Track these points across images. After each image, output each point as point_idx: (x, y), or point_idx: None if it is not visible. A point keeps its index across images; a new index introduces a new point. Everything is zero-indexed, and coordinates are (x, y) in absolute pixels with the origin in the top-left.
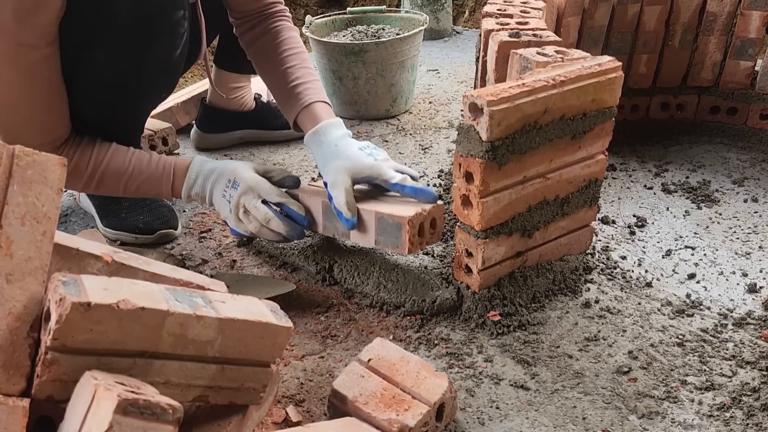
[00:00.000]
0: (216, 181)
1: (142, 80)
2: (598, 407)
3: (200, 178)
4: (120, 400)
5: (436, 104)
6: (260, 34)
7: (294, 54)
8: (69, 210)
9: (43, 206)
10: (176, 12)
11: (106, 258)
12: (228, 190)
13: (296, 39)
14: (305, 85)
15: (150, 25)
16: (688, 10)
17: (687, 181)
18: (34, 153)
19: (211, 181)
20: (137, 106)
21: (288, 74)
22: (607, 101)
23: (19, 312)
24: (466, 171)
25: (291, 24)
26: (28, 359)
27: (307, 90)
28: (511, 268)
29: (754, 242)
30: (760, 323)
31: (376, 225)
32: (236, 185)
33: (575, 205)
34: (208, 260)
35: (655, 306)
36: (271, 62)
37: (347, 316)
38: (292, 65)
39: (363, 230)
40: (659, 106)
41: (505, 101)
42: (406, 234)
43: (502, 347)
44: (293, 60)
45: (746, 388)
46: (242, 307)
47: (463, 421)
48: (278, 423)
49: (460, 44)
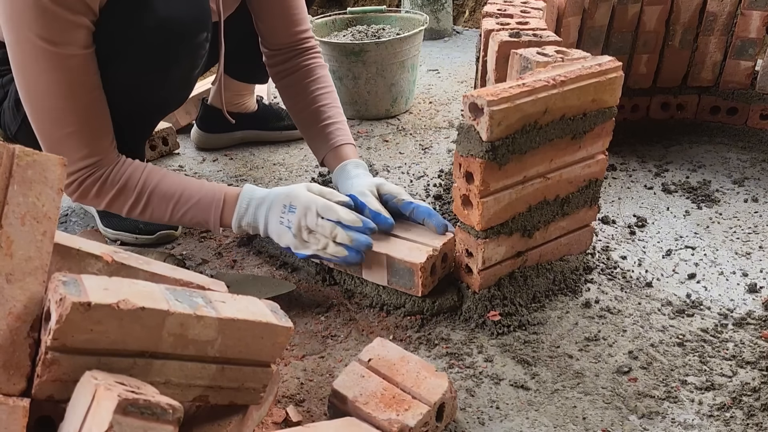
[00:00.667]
0: (270, 209)
1: (160, 96)
2: (598, 407)
3: (251, 207)
4: (120, 400)
5: (436, 104)
6: (292, 69)
7: (326, 93)
8: (69, 210)
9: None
10: (200, 35)
11: (107, 258)
12: (285, 216)
13: (327, 78)
14: (336, 126)
15: (175, 46)
16: (689, 10)
17: (687, 181)
18: (34, 153)
19: (264, 209)
20: (152, 119)
21: (320, 113)
22: (608, 101)
23: (20, 312)
24: (467, 171)
25: (322, 61)
26: (28, 359)
27: (338, 130)
28: (511, 268)
29: (754, 242)
30: (760, 323)
31: (388, 267)
32: (293, 209)
33: (575, 205)
34: (208, 260)
35: (656, 306)
36: (303, 99)
37: (347, 316)
38: (324, 104)
39: (376, 270)
40: (659, 106)
41: (506, 101)
42: (419, 279)
43: (503, 347)
44: (325, 99)
45: (746, 388)
46: (242, 307)
47: (464, 421)
48: (278, 423)
49: (460, 44)
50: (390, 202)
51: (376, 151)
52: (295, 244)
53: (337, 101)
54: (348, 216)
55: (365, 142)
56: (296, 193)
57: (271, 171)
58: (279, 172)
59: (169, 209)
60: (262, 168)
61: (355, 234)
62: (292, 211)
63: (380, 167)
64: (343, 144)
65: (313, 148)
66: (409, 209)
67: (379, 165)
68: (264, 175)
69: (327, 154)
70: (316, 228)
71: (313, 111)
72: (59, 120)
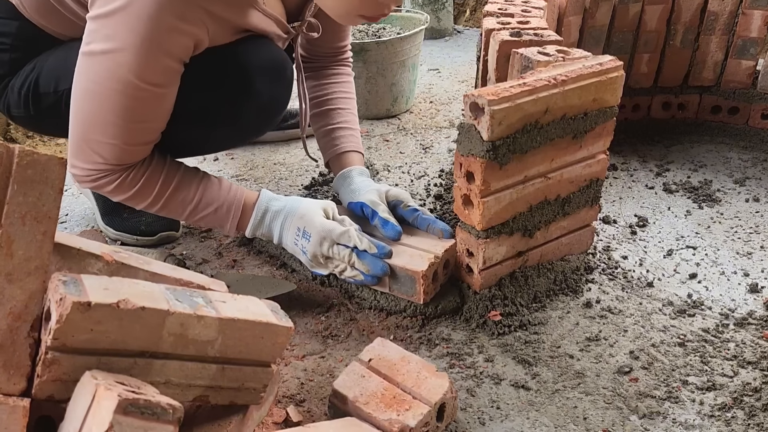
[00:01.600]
0: (284, 227)
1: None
2: (599, 407)
3: (267, 218)
4: (120, 400)
5: (437, 104)
6: (322, 67)
7: (346, 98)
8: (69, 210)
9: (44, 206)
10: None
11: (107, 257)
12: (299, 240)
13: (351, 85)
14: (347, 131)
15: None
16: (690, 10)
17: (688, 180)
18: (35, 152)
19: (279, 224)
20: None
21: (335, 115)
22: (609, 101)
23: (20, 311)
24: (467, 170)
25: (351, 71)
26: (28, 359)
27: (349, 136)
28: (512, 268)
29: (755, 242)
30: (761, 323)
31: (390, 275)
32: (307, 235)
33: (576, 204)
34: (209, 260)
35: (657, 306)
36: (321, 97)
37: (348, 316)
38: (340, 108)
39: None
40: (661, 106)
41: (506, 101)
42: (421, 286)
43: (503, 347)
44: (343, 103)
45: (747, 389)
46: (243, 306)
47: (464, 421)
48: (279, 423)
49: (461, 43)
50: (397, 208)
51: (376, 150)
52: (311, 265)
53: (355, 108)
54: (364, 243)
55: (366, 142)
56: (311, 219)
57: (272, 171)
58: (279, 171)
59: (185, 214)
60: (263, 168)
61: (371, 261)
62: (306, 238)
63: (381, 167)
64: (351, 151)
65: (321, 147)
66: (412, 216)
67: (379, 165)
68: (264, 174)
69: (333, 158)
70: (333, 255)
71: (327, 111)
72: (105, 130)
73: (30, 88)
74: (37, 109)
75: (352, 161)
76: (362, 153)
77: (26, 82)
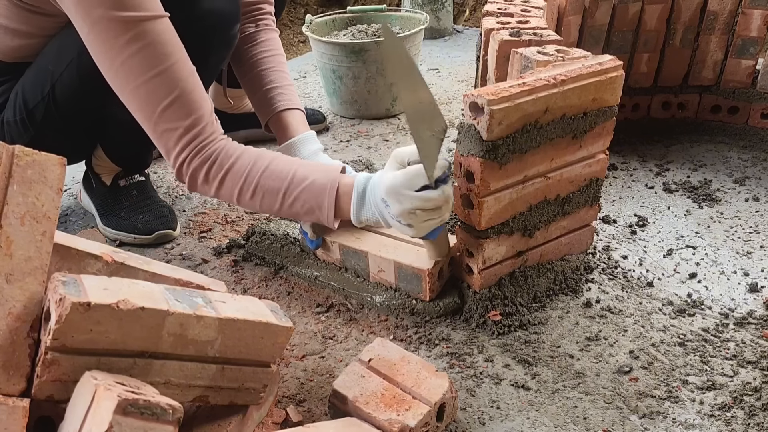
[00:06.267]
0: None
1: None
2: (599, 407)
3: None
4: (120, 400)
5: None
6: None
7: (270, 56)
8: (69, 210)
9: (43, 206)
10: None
11: (106, 258)
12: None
13: (275, 41)
14: (278, 90)
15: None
16: (689, 9)
17: (688, 180)
18: (34, 153)
19: (372, 206)
20: None
21: (262, 77)
22: (608, 100)
23: (19, 312)
24: (467, 170)
25: (271, 25)
26: (28, 359)
27: (280, 95)
28: (512, 268)
29: (755, 242)
30: (761, 323)
31: (396, 273)
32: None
33: (576, 204)
34: (209, 260)
35: (656, 306)
36: (247, 63)
37: (347, 316)
38: (266, 68)
39: (384, 275)
40: (660, 105)
41: (506, 100)
42: (427, 284)
43: (503, 347)
44: (269, 63)
45: (747, 388)
46: (242, 306)
47: (464, 421)
48: (279, 423)
49: (460, 43)
50: None
51: (376, 150)
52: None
53: (283, 65)
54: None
55: (365, 142)
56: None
57: None
58: None
59: (280, 194)
60: None
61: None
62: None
63: (380, 166)
64: (286, 109)
65: (258, 113)
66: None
67: (379, 164)
68: None
69: (269, 120)
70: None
71: (255, 75)
72: (154, 94)
73: (21, 109)
74: (36, 127)
75: (289, 123)
76: (301, 109)
77: (16, 107)
